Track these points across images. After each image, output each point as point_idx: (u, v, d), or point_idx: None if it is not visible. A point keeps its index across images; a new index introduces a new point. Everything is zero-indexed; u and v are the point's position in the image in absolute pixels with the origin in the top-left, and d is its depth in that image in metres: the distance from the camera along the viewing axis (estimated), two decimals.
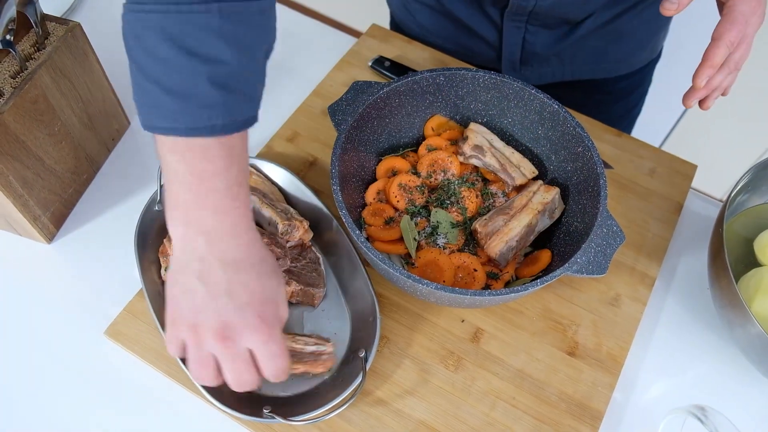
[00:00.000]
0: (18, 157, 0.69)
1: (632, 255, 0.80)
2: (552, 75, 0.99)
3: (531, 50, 0.94)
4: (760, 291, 0.70)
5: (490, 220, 0.72)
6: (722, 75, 0.67)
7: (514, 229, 0.71)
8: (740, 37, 0.64)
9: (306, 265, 0.73)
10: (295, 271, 0.72)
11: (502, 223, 0.72)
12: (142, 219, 0.73)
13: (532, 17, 0.88)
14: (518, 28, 0.90)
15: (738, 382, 0.73)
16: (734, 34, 0.64)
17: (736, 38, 0.64)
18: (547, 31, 0.91)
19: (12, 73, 0.70)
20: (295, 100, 0.93)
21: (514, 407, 0.69)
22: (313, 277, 0.73)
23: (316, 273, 0.73)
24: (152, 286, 0.70)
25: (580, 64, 0.98)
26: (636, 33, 0.95)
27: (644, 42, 0.98)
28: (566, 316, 0.75)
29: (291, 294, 0.71)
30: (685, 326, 0.77)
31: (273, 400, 0.66)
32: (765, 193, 0.80)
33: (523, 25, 0.90)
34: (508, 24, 0.90)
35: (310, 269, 0.73)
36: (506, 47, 0.94)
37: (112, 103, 0.84)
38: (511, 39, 0.92)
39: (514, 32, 0.91)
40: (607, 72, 1.00)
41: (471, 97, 0.79)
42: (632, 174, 0.87)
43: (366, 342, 0.68)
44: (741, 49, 0.66)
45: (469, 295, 0.60)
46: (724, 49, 0.64)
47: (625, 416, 0.71)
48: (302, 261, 0.73)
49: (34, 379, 0.70)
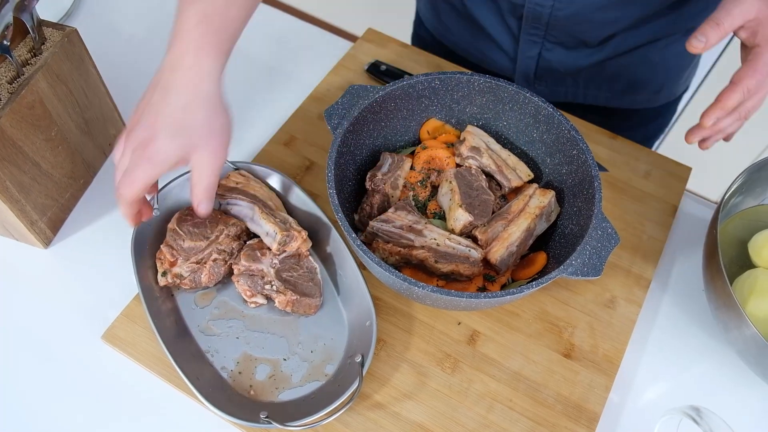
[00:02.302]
0: (15, 162, 0.69)
1: (627, 257, 0.80)
2: (565, 94, 0.98)
3: (546, 66, 0.93)
4: (754, 292, 0.70)
5: (490, 227, 0.72)
6: (730, 119, 0.66)
7: (514, 234, 0.71)
8: (758, 87, 0.64)
9: (302, 275, 0.73)
10: (291, 281, 0.72)
11: (501, 229, 0.72)
12: (138, 227, 0.73)
13: (550, 33, 0.88)
14: (535, 42, 0.90)
15: (733, 383, 0.74)
16: (754, 82, 0.63)
17: (755, 87, 0.63)
18: (565, 50, 0.90)
19: (9, 78, 0.70)
20: (291, 104, 0.93)
21: (511, 409, 0.69)
22: (310, 287, 0.73)
23: (312, 282, 0.73)
24: (149, 291, 0.71)
25: (595, 88, 0.96)
26: (658, 67, 0.93)
27: (667, 77, 0.96)
28: (562, 318, 0.75)
29: (286, 303, 0.71)
30: (680, 328, 0.77)
31: (270, 406, 0.67)
32: (759, 195, 0.80)
33: (540, 40, 0.90)
34: (525, 36, 0.90)
35: (307, 279, 0.73)
36: (521, 60, 0.94)
37: (109, 108, 0.85)
38: (527, 52, 0.92)
39: (531, 45, 0.91)
40: (624, 102, 0.98)
41: (466, 100, 0.80)
42: (627, 176, 0.87)
43: (363, 346, 0.69)
44: (755, 98, 0.65)
45: (465, 298, 0.61)
46: (740, 95, 0.63)
47: (621, 417, 0.71)
48: (299, 270, 0.73)
49: (31, 383, 0.70)
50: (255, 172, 0.79)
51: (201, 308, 0.73)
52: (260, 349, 0.71)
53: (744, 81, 0.63)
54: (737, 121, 0.67)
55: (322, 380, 0.69)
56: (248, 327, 0.72)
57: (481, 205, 0.73)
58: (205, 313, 0.73)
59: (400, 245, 0.69)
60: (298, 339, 0.71)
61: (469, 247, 0.70)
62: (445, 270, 0.68)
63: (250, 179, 0.77)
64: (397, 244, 0.69)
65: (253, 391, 0.68)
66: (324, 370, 0.69)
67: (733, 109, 0.65)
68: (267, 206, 0.75)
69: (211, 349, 0.70)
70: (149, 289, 0.71)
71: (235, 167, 0.78)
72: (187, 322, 0.72)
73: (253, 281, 0.72)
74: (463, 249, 0.69)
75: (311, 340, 0.71)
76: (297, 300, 0.71)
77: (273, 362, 0.70)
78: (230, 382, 0.68)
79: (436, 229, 0.71)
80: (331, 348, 0.71)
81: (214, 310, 0.73)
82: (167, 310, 0.72)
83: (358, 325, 0.71)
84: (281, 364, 0.70)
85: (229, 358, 0.70)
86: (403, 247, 0.69)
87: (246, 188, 0.76)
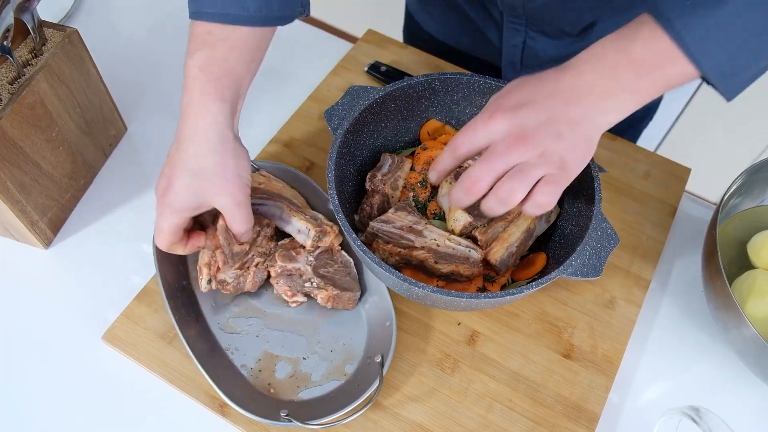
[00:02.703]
0: (15, 162, 0.70)
1: (627, 258, 0.81)
2: None
3: (532, 54, 0.93)
4: (753, 293, 0.71)
5: (489, 227, 0.72)
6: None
7: (514, 235, 0.72)
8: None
9: (338, 270, 0.73)
10: (328, 276, 0.72)
11: (501, 229, 0.72)
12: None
13: (531, 22, 0.88)
14: (518, 31, 0.90)
15: (732, 383, 0.74)
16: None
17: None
18: (548, 39, 0.91)
19: (9, 79, 0.70)
20: (291, 105, 0.93)
21: (511, 409, 0.69)
22: (347, 281, 0.73)
23: (349, 276, 0.73)
24: (170, 289, 0.71)
25: None
26: None
27: None
28: (562, 319, 0.75)
29: (328, 299, 0.71)
30: (679, 328, 0.78)
31: (290, 404, 0.67)
32: (757, 196, 0.81)
33: (523, 29, 0.90)
34: (508, 25, 0.90)
35: (343, 273, 0.73)
36: (506, 48, 0.94)
37: (110, 108, 0.85)
38: (511, 40, 0.92)
39: (515, 34, 0.91)
40: None
41: (466, 101, 0.80)
42: (627, 177, 0.87)
43: (382, 347, 0.69)
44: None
45: (465, 298, 0.61)
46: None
47: (621, 418, 0.71)
48: (334, 266, 0.73)
49: (31, 383, 0.70)
50: (274, 171, 0.79)
51: (221, 306, 0.73)
52: (280, 347, 0.71)
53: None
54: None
55: (341, 380, 0.69)
56: (268, 325, 0.72)
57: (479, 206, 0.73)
58: (226, 311, 0.73)
59: (400, 246, 0.69)
60: (317, 338, 0.72)
61: (468, 247, 0.70)
62: (445, 270, 0.68)
63: (271, 179, 0.77)
64: (397, 245, 0.69)
65: (273, 389, 0.68)
66: (344, 370, 0.70)
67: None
68: (294, 204, 0.75)
69: (231, 347, 0.70)
70: (171, 286, 0.71)
71: (255, 167, 0.79)
72: (207, 320, 0.72)
73: (293, 281, 0.72)
74: (462, 249, 0.70)
75: (331, 339, 0.72)
76: (338, 295, 0.71)
77: (293, 361, 0.70)
78: (250, 380, 0.68)
79: (435, 229, 0.71)
80: (350, 348, 0.71)
81: (234, 308, 0.73)
82: (188, 307, 0.72)
83: (378, 325, 0.71)
84: (301, 363, 0.70)
85: (249, 356, 0.70)
86: (403, 248, 0.69)
87: (269, 188, 0.75)
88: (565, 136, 0.57)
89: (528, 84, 0.59)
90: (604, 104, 0.57)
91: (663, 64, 0.54)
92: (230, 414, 0.67)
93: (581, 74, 0.57)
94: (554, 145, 0.56)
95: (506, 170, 0.57)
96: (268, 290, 0.74)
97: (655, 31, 0.53)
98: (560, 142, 0.57)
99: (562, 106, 0.57)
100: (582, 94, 0.57)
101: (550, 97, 0.57)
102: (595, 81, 0.57)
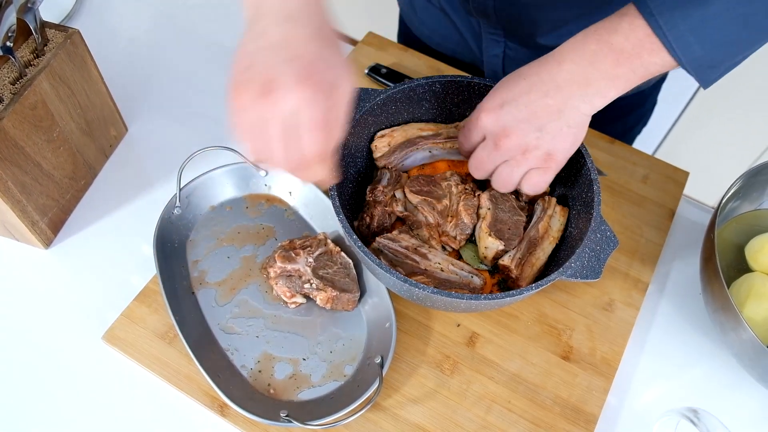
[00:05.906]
0: (16, 162, 0.70)
1: (626, 260, 0.81)
2: None
3: (514, 65, 0.93)
4: (751, 296, 0.71)
5: (520, 253, 0.71)
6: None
7: (540, 260, 0.71)
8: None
9: (338, 271, 0.73)
10: (328, 277, 0.72)
11: (528, 254, 0.71)
12: (160, 225, 0.74)
13: (508, 32, 0.88)
14: (497, 42, 0.90)
15: (730, 385, 0.74)
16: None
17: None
18: (528, 51, 0.90)
19: (11, 79, 0.71)
20: None
21: (510, 411, 0.70)
22: (347, 282, 0.73)
23: (348, 278, 0.74)
24: (171, 289, 0.71)
25: None
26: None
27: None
28: (561, 321, 0.76)
29: (327, 300, 0.71)
30: (678, 331, 0.78)
31: (289, 405, 0.67)
32: (755, 200, 0.81)
33: (501, 39, 0.90)
34: (486, 35, 0.91)
35: (343, 274, 0.73)
36: (486, 57, 0.95)
37: (110, 109, 0.85)
38: (491, 51, 0.93)
39: (494, 45, 0.91)
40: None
41: (466, 104, 0.80)
42: (626, 181, 0.88)
43: (382, 348, 0.69)
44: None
45: (464, 300, 0.61)
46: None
47: (619, 420, 0.72)
48: (333, 267, 0.74)
49: (32, 384, 0.71)
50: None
51: (221, 306, 0.73)
52: (280, 348, 0.71)
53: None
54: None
55: (341, 380, 0.69)
56: (268, 326, 0.72)
57: (511, 228, 0.72)
58: (226, 312, 0.73)
59: (404, 266, 0.69)
60: (317, 339, 0.72)
61: (471, 273, 0.70)
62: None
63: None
64: (402, 266, 0.69)
65: (272, 389, 0.68)
66: (343, 371, 0.70)
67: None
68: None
69: (231, 348, 0.71)
70: (172, 286, 0.71)
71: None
72: (207, 321, 0.72)
73: (292, 282, 0.72)
74: (465, 275, 0.70)
75: (330, 340, 0.72)
76: (337, 296, 0.71)
77: (293, 361, 0.70)
78: (250, 380, 0.69)
79: (440, 253, 0.71)
80: (350, 348, 0.71)
81: (235, 308, 0.73)
82: (188, 307, 0.72)
83: (378, 326, 0.72)
84: (301, 364, 0.70)
85: (249, 357, 0.70)
86: (406, 271, 0.69)
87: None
88: (546, 129, 0.61)
89: (510, 81, 0.64)
90: (584, 91, 0.59)
91: (642, 54, 0.55)
92: (230, 414, 0.67)
93: (561, 64, 0.60)
94: (537, 141, 0.62)
95: (499, 163, 0.66)
96: (268, 291, 0.75)
97: (636, 21, 0.55)
98: (543, 136, 0.61)
99: (542, 100, 0.60)
100: (561, 85, 0.60)
101: (529, 92, 0.61)
102: (575, 70, 0.59)
